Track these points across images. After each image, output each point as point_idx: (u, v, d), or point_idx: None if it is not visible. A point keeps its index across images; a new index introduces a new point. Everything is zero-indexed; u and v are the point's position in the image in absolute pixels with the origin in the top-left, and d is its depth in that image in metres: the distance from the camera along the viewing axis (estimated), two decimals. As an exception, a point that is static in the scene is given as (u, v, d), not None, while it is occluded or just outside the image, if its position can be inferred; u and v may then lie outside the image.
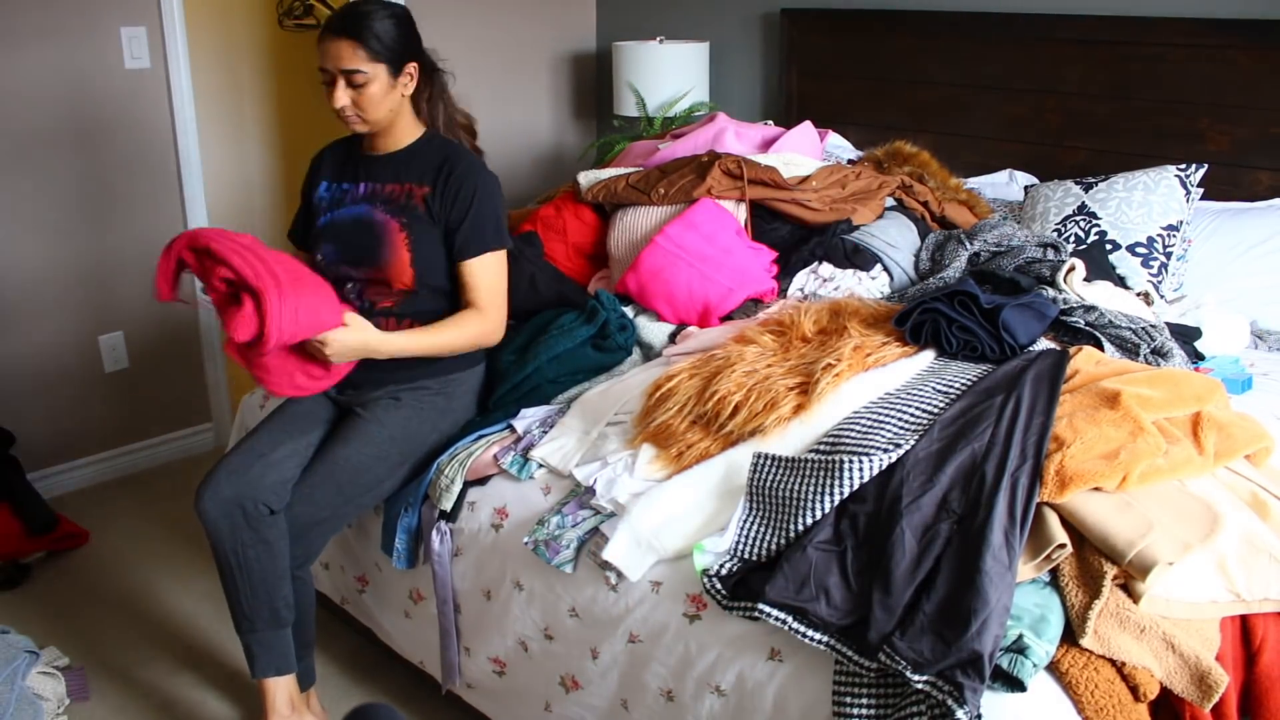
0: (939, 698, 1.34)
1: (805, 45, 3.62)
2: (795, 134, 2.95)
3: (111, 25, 3.06)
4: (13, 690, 2.08)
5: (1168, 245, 2.59)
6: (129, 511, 3.14)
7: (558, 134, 4.27)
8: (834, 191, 2.57)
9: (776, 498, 1.65)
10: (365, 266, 2.09)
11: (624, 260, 2.50)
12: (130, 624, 2.61)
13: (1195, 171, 2.65)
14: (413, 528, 2.05)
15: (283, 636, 2.01)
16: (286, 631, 2.01)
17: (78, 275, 3.15)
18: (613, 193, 2.60)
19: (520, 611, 1.89)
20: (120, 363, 3.30)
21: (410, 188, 2.10)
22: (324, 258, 2.13)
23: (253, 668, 2.02)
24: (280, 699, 2.02)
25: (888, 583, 1.47)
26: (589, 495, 1.84)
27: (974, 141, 3.27)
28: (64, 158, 3.05)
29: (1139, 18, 2.89)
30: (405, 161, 2.13)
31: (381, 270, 2.08)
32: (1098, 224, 2.64)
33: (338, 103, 2.03)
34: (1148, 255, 2.58)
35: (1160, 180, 2.64)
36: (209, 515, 1.94)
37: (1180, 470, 1.64)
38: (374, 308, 2.11)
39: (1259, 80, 2.73)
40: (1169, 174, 2.65)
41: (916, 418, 1.74)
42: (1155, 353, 2.05)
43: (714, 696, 1.61)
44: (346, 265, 2.11)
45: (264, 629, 1.99)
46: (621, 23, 4.16)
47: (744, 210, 2.50)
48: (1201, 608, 1.50)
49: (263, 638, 1.99)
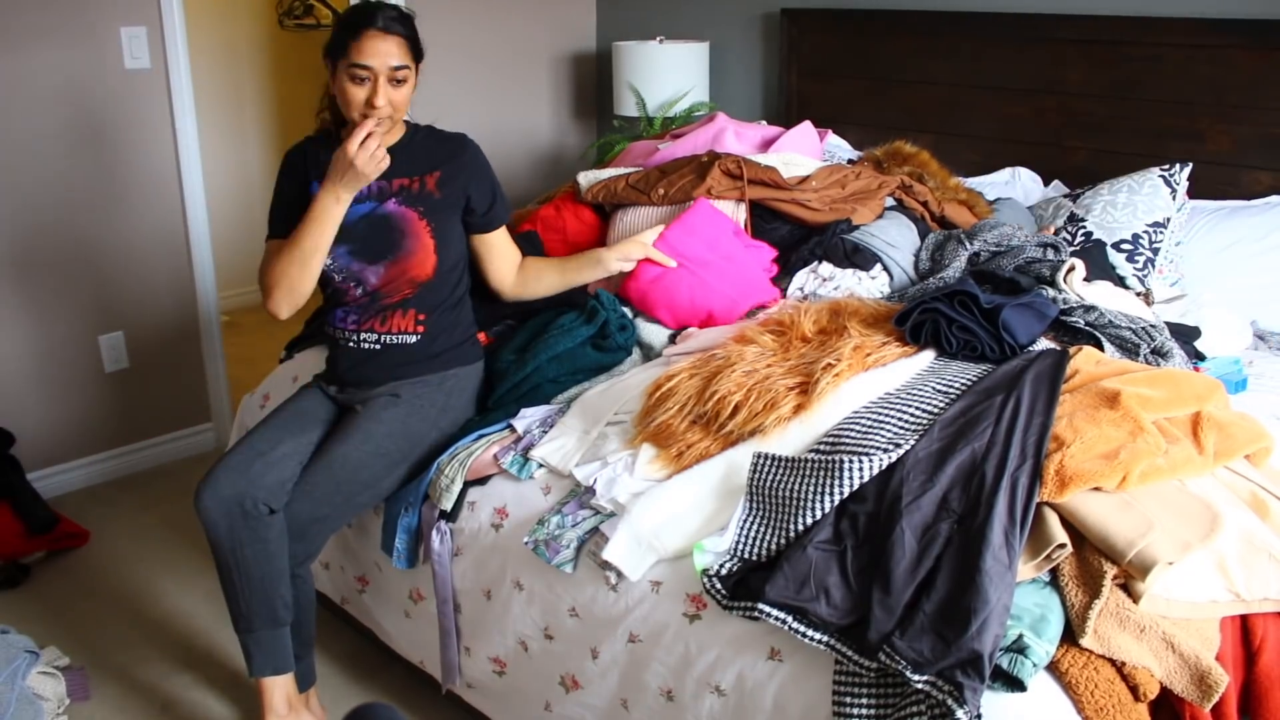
0: (939, 697, 1.35)
1: (805, 45, 3.62)
2: (795, 134, 2.95)
3: (111, 25, 3.06)
4: (13, 690, 2.08)
5: (1154, 241, 2.62)
6: (129, 511, 3.14)
7: (558, 134, 4.28)
8: (834, 191, 2.56)
9: (776, 497, 1.65)
10: (385, 260, 2.09)
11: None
12: (130, 624, 2.61)
13: (1180, 170, 2.68)
14: (413, 527, 2.05)
15: (281, 636, 2.01)
16: (285, 631, 2.01)
17: (78, 275, 3.15)
18: (612, 193, 2.60)
19: (520, 611, 1.89)
20: (120, 363, 3.30)
21: (422, 177, 2.12)
22: (334, 260, 2.09)
23: (250, 667, 2.02)
24: (278, 698, 2.02)
25: (888, 582, 1.47)
26: (589, 495, 1.84)
27: (974, 141, 3.27)
28: (64, 158, 3.05)
29: (1139, 18, 2.89)
30: (407, 153, 2.13)
31: (403, 262, 2.09)
32: (1083, 225, 2.67)
33: (380, 101, 1.97)
34: (1133, 251, 2.60)
35: (1145, 181, 2.69)
36: (208, 514, 1.94)
37: (1180, 470, 1.64)
38: (388, 302, 2.12)
39: (1259, 80, 2.73)
40: (1153, 175, 2.69)
41: (916, 418, 1.74)
42: (1155, 352, 2.05)
43: (714, 696, 1.61)
44: (362, 262, 2.10)
45: (262, 628, 1.99)
46: (621, 23, 4.16)
47: (744, 210, 2.50)
48: (1201, 607, 1.50)
49: (260, 637, 1.99)
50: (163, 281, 3.33)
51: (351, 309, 2.14)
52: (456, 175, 2.13)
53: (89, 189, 3.12)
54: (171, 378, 3.41)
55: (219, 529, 1.94)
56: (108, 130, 3.12)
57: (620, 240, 2.54)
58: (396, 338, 2.14)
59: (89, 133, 3.09)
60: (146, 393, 3.36)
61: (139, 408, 3.36)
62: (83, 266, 3.16)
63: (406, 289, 2.12)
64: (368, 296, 2.12)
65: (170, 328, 3.38)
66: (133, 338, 3.31)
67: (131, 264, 3.25)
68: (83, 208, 3.12)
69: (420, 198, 2.11)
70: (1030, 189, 3.06)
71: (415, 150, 2.14)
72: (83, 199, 3.11)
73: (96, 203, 3.14)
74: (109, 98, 3.10)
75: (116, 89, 3.11)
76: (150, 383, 3.37)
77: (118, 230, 3.20)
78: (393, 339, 2.14)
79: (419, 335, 2.14)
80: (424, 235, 2.10)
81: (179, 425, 3.47)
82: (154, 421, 3.41)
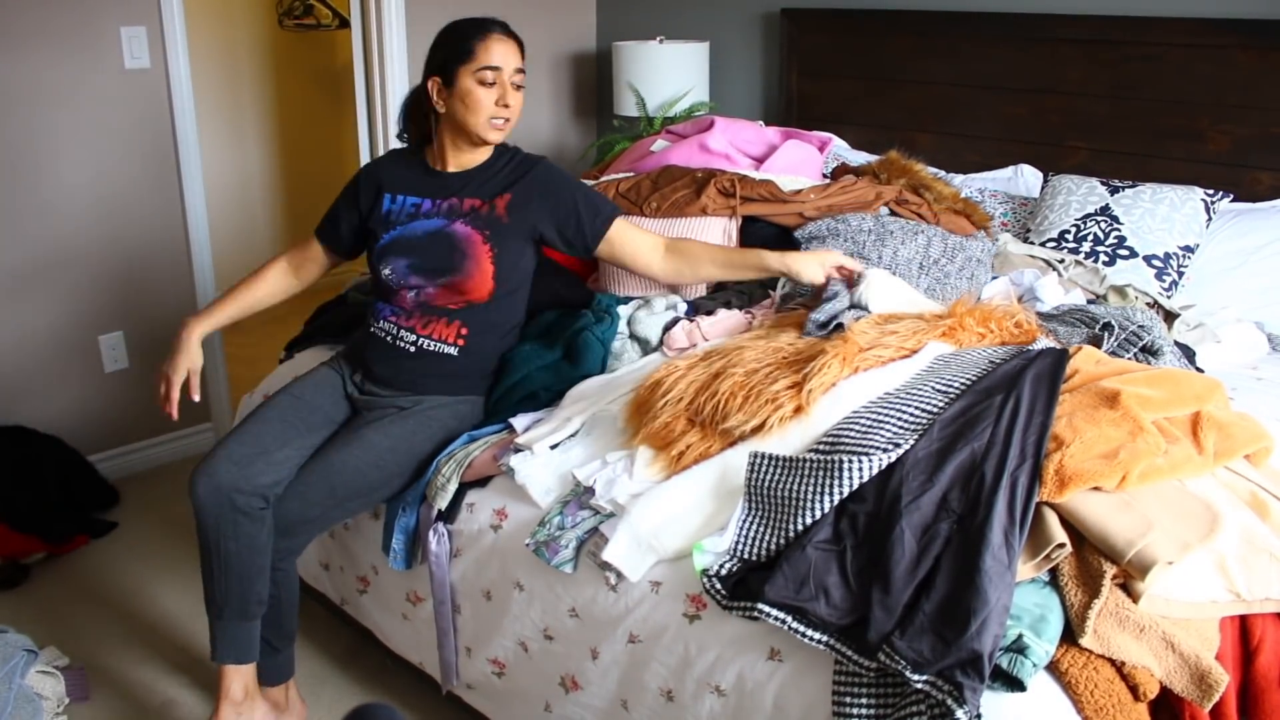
0: (939, 697, 1.34)
1: (805, 45, 3.62)
2: (794, 151, 2.93)
3: (111, 25, 3.06)
4: (11, 688, 2.09)
5: (1181, 265, 2.61)
6: (128, 511, 3.14)
7: (558, 134, 4.28)
8: (831, 200, 2.57)
9: (775, 498, 1.65)
10: (444, 277, 2.12)
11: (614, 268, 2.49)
12: (130, 624, 2.61)
13: (1221, 199, 2.67)
14: (410, 528, 2.05)
15: (248, 629, 2.02)
16: (253, 625, 2.02)
17: (78, 275, 3.15)
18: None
19: (520, 612, 1.89)
20: (120, 363, 3.30)
21: (492, 200, 2.14)
22: (393, 271, 2.13)
23: (213, 651, 2.03)
24: (235, 686, 2.03)
25: (887, 582, 1.47)
26: (589, 495, 1.84)
27: (974, 141, 3.27)
28: (64, 158, 3.05)
29: (1139, 17, 2.89)
30: (487, 176, 2.17)
31: (461, 281, 2.11)
32: (1119, 229, 2.65)
33: (512, 101, 2.08)
34: (1163, 269, 2.59)
35: (1186, 200, 2.66)
36: (200, 498, 1.95)
37: (1180, 470, 1.64)
38: (435, 305, 2.13)
39: (1259, 80, 2.73)
40: (1196, 196, 2.66)
41: (916, 417, 1.74)
42: (1145, 350, 2.05)
43: (714, 696, 1.61)
44: (420, 276, 2.13)
45: (230, 619, 2.00)
46: (621, 23, 4.17)
47: (735, 227, 2.50)
48: (1201, 607, 1.50)
49: (228, 626, 2.00)
50: (163, 281, 3.33)
51: (398, 307, 2.16)
52: (526, 202, 2.15)
53: (89, 189, 3.12)
54: (171, 378, 3.41)
55: (207, 514, 1.95)
56: (107, 130, 3.12)
57: None
58: (435, 345, 2.14)
59: (88, 133, 3.09)
60: (146, 393, 3.36)
61: (139, 408, 3.36)
62: (83, 266, 3.16)
63: (458, 304, 2.14)
64: (418, 304, 2.14)
65: (170, 328, 3.35)
66: (133, 338, 3.31)
67: (131, 264, 3.25)
68: (82, 208, 3.12)
69: (488, 221, 2.13)
70: (1033, 185, 3.06)
71: (495, 172, 2.18)
72: (82, 199, 3.12)
73: (96, 203, 3.14)
74: (109, 98, 3.10)
75: (116, 89, 3.11)
76: (150, 383, 3.36)
77: (118, 230, 3.20)
78: (431, 345, 2.14)
79: (458, 348, 2.14)
80: (485, 259, 2.11)
81: (179, 425, 3.47)
82: (154, 421, 3.41)
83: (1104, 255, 2.62)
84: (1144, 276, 2.57)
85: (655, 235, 2.28)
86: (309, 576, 2.41)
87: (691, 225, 2.49)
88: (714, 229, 2.49)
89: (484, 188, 2.16)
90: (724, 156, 2.88)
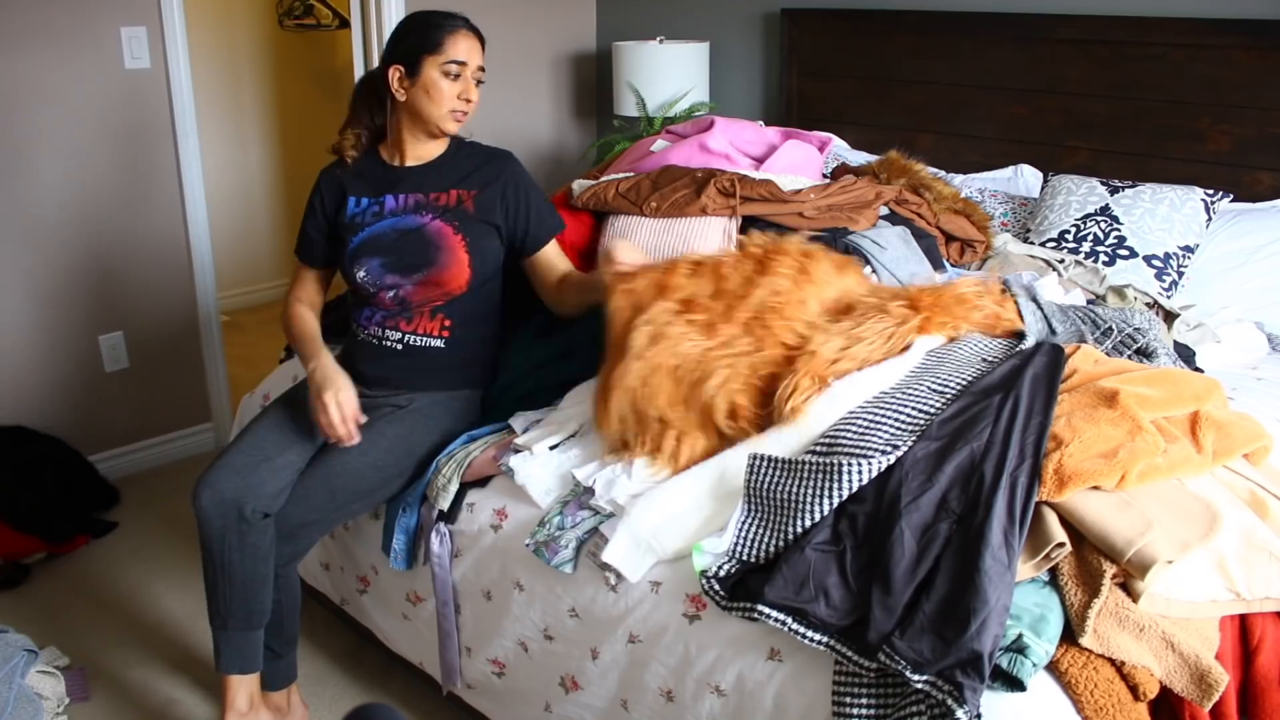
0: (939, 697, 1.34)
1: (805, 45, 3.62)
2: (793, 152, 2.93)
3: (111, 25, 3.06)
4: (11, 688, 2.09)
5: (1181, 265, 2.61)
6: (129, 511, 3.14)
7: (558, 134, 4.28)
8: (831, 199, 2.57)
9: (774, 500, 1.64)
10: (420, 272, 2.11)
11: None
12: (130, 624, 2.61)
13: (1221, 199, 2.67)
14: (411, 529, 2.05)
15: (252, 639, 2.02)
16: (258, 634, 2.02)
17: (78, 275, 3.15)
18: (602, 200, 2.60)
19: (520, 612, 1.89)
20: (120, 363, 3.30)
21: (459, 193, 2.14)
22: (367, 273, 2.12)
23: (217, 661, 2.03)
24: (240, 697, 2.03)
25: (887, 583, 1.47)
26: (588, 496, 1.84)
27: (974, 141, 3.27)
28: (64, 158, 3.05)
29: (1139, 17, 2.89)
30: (447, 169, 2.17)
31: (438, 275, 2.11)
32: (1119, 229, 2.65)
33: (474, 96, 2.11)
34: (1162, 269, 2.59)
35: (1186, 200, 2.66)
36: (204, 512, 1.94)
37: (1179, 469, 1.64)
38: (417, 304, 2.13)
39: (1260, 80, 2.73)
40: (1196, 196, 2.66)
41: (914, 418, 1.73)
42: (1140, 353, 2.05)
43: (714, 696, 1.61)
44: (396, 274, 2.12)
45: (235, 629, 1.99)
46: (621, 23, 4.17)
47: (735, 227, 2.50)
48: (1201, 607, 1.50)
49: (232, 636, 2.00)
50: (163, 281, 3.33)
51: (379, 309, 2.16)
52: (492, 194, 2.15)
53: (89, 189, 3.12)
54: (171, 378, 3.41)
55: (211, 526, 1.95)
56: (107, 130, 3.12)
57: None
58: (421, 340, 2.14)
59: (89, 133, 3.09)
60: (146, 393, 3.36)
61: (139, 408, 3.36)
62: (83, 266, 3.16)
63: (438, 298, 2.13)
64: (398, 303, 2.14)
65: (170, 328, 3.38)
66: (133, 338, 3.31)
67: (131, 264, 3.25)
68: (83, 208, 3.12)
69: (455, 212, 2.13)
70: (1032, 185, 3.06)
71: (456, 164, 2.17)
72: (82, 199, 3.12)
73: (96, 203, 3.14)
74: (109, 98, 3.10)
75: (116, 89, 3.11)
76: (150, 383, 3.37)
77: (118, 230, 3.20)
78: (417, 340, 2.14)
79: (445, 340, 2.15)
80: (459, 250, 2.11)
81: (179, 425, 3.47)
82: (154, 421, 3.41)
83: (1104, 255, 2.63)
84: (1144, 276, 2.57)
85: (569, 264, 2.25)
86: (309, 576, 2.41)
87: (691, 225, 2.50)
88: (714, 229, 2.49)
89: (445, 179, 2.16)
90: (724, 156, 2.88)
